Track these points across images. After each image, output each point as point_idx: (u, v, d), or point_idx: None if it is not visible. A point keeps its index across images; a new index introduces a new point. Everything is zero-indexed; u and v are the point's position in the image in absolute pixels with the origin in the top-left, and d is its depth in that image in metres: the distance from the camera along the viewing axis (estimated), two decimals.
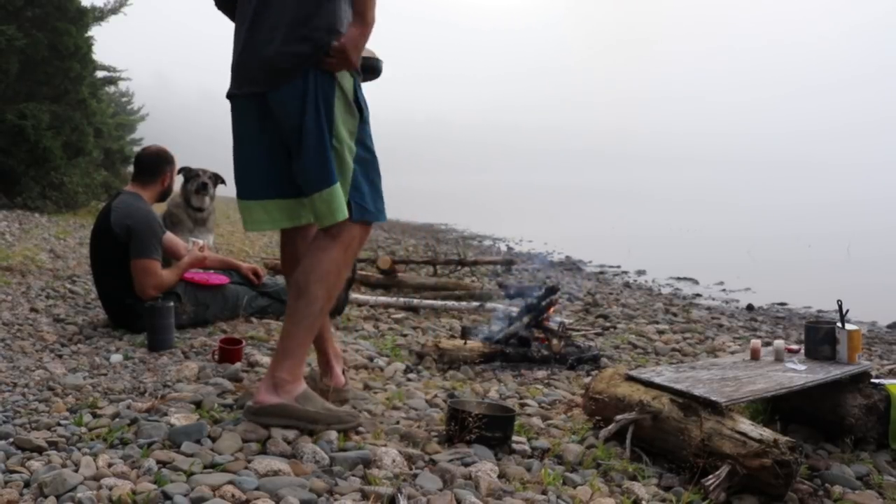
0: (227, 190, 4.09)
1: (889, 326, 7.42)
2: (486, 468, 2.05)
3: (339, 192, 2.11)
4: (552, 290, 4.15)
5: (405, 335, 4.38)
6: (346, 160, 2.12)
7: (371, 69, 2.50)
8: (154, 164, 3.84)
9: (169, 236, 3.94)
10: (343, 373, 2.62)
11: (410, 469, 2.05)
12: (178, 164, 4.16)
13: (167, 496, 1.71)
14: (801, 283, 10.52)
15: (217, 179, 4.86)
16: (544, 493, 2.01)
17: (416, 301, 5.41)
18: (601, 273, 11.45)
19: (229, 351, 3.04)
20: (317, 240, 2.18)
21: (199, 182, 4.73)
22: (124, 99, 32.49)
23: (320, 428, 2.13)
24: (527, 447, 2.38)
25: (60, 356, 3.11)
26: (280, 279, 5.50)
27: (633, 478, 2.23)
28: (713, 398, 2.29)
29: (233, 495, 1.72)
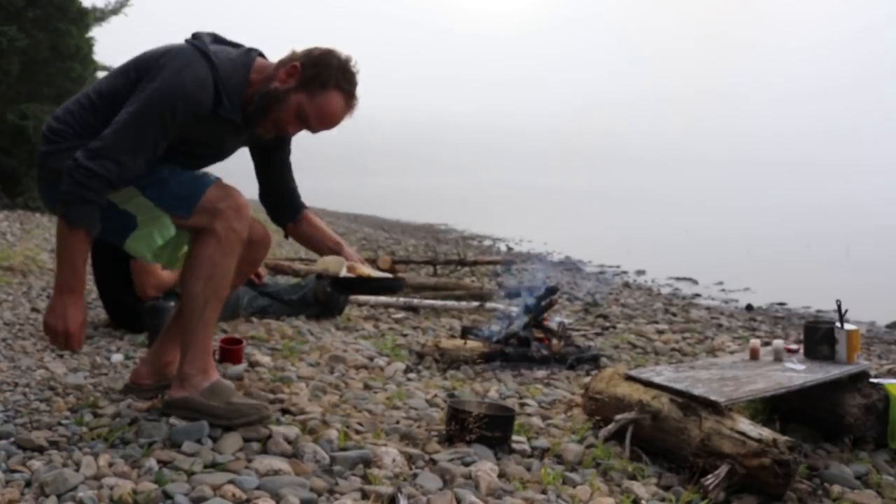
0: None
1: (888, 326, 7.43)
2: (485, 468, 2.06)
3: (138, 237, 2.12)
4: (552, 290, 4.15)
5: (405, 335, 4.39)
6: (137, 207, 2.12)
7: (391, 289, 2.57)
8: None
9: None
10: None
11: (410, 469, 2.05)
12: None
13: (168, 495, 1.71)
14: (801, 283, 10.52)
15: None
16: (544, 492, 2.02)
17: (416, 301, 5.42)
18: (601, 273, 11.46)
19: (230, 350, 3.05)
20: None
21: None
22: None
23: (223, 423, 2.12)
24: (527, 447, 2.39)
25: (61, 356, 3.11)
26: (280, 279, 5.51)
27: (633, 477, 2.24)
28: (712, 398, 2.30)
29: (233, 495, 1.73)
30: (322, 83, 2.09)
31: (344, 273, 2.33)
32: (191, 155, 2.22)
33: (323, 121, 2.15)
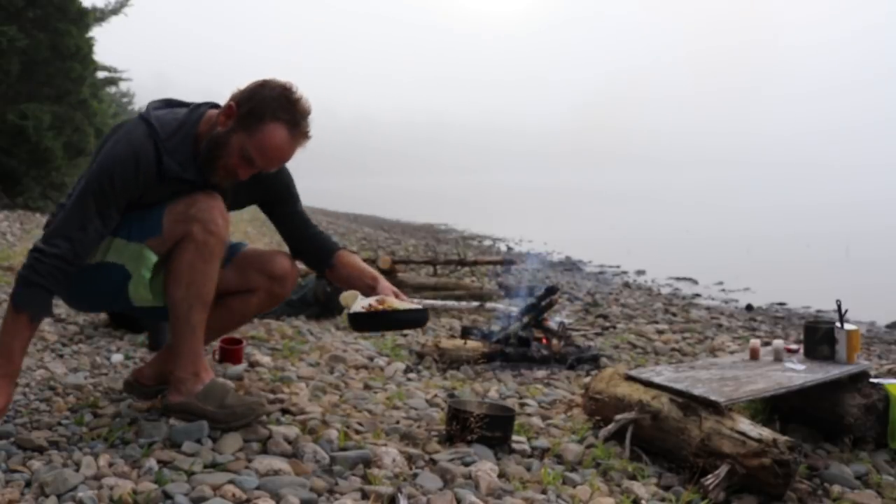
0: None
1: (888, 326, 7.44)
2: (485, 468, 2.06)
3: (135, 283, 2.11)
4: (552, 290, 4.15)
5: (405, 335, 4.39)
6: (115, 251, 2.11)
7: (413, 323, 2.45)
8: None
9: None
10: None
11: (410, 468, 2.05)
12: None
13: (168, 496, 1.71)
14: (801, 283, 10.53)
15: None
16: (544, 492, 2.02)
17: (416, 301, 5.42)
18: (601, 273, 11.47)
19: (230, 351, 3.05)
20: None
21: None
22: (125, 99, 32.58)
23: (220, 426, 2.11)
24: (527, 447, 2.39)
25: (61, 356, 3.12)
26: None
27: (633, 477, 2.24)
28: (712, 398, 2.30)
29: (233, 495, 1.73)
30: (258, 117, 2.00)
31: (356, 308, 2.22)
32: None
33: (266, 156, 2.05)
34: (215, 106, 2.15)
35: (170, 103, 2.18)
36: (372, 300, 2.25)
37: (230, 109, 2.04)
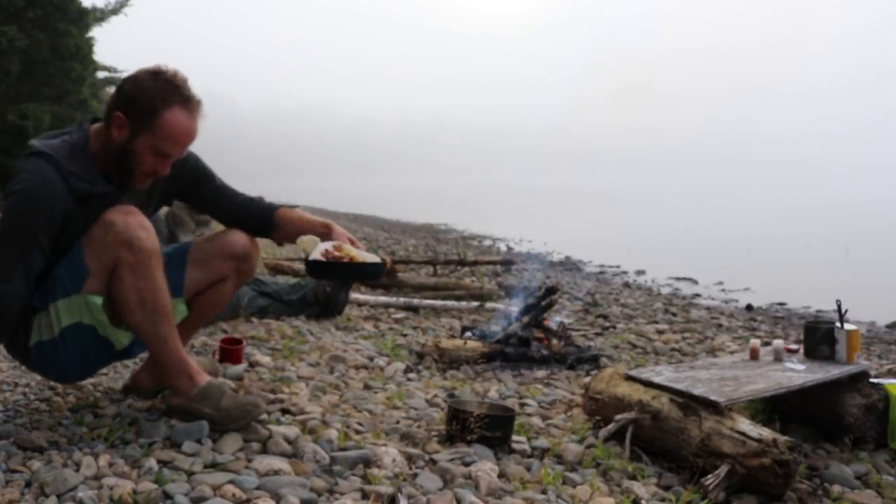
0: None
1: (888, 326, 7.44)
2: (485, 468, 2.06)
3: (106, 330, 2.09)
4: (552, 290, 4.15)
5: (405, 335, 4.39)
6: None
7: (373, 275, 2.37)
8: None
9: None
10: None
11: (410, 468, 2.05)
12: None
13: (168, 495, 1.71)
14: (801, 283, 10.53)
15: None
16: (544, 492, 2.02)
17: (416, 301, 5.42)
18: (601, 273, 11.47)
19: (230, 351, 3.05)
20: None
21: None
22: None
23: (219, 429, 2.11)
24: (527, 447, 2.39)
25: None
26: (280, 279, 5.51)
27: (633, 477, 2.24)
28: (712, 398, 2.30)
29: (233, 495, 1.73)
30: (151, 112, 1.96)
31: (315, 255, 2.19)
32: None
33: (178, 142, 2.03)
34: (96, 119, 2.09)
35: (52, 135, 2.09)
36: (329, 245, 2.21)
37: (119, 119, 1.98)
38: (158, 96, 1.97)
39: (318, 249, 2.19)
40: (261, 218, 2.36)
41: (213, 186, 2.35)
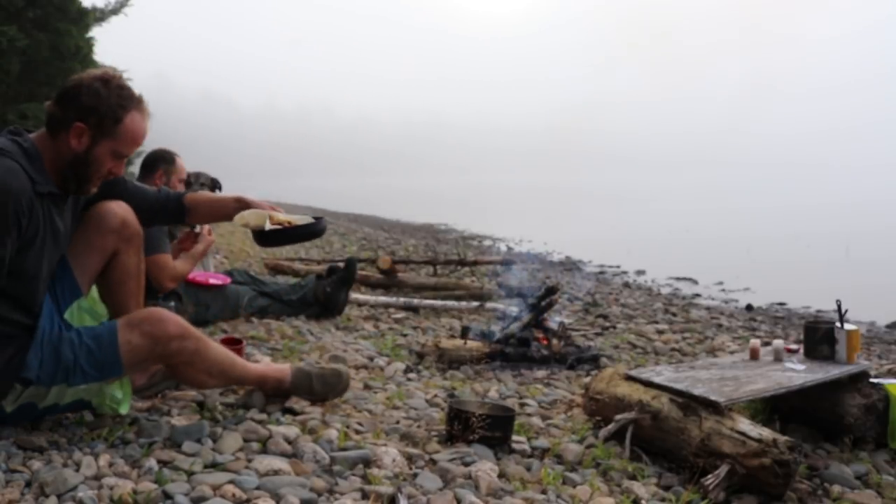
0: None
1: (888, 326, 7.44)
2: (485, 468, 2.06)
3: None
4: (552, 290, 4.15)
5: (405, 335, 4.39)
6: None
7: (318, 234, 2.48)
8: (150, 161, 3.83)
9: None
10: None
11: (410, 468, 2.05)
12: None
13: (168, 495, 1.71)
14: (801, 283, 10.53)
15: (214, 184, 4.86)
16: (544, 492, 2.02)
17: (416, 301, 5.42)
18: (601, 273, 11.46)
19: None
20: None
21: (196, 187, 4.73)
22: None
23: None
24: (527, 447, 2.39)
25: None
26: (280, 279, 5.51)
27: (633, 477, 2.24)
28: (712, 398, 2.30)
29: (233, 494, 1.73)
30: (114, 120, 2.03)
31: (269, 225, 2.29)
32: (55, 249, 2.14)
33: (136, 143, 2.13)
34: (15, 132, 2.06)
35: None
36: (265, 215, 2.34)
37: (79, 129, 2.00)
38: (118, 104, 2.05)
39: (259, 219, 2.32)
40: (172, 207, 2.46)
41: (125, 188, 2.39)
